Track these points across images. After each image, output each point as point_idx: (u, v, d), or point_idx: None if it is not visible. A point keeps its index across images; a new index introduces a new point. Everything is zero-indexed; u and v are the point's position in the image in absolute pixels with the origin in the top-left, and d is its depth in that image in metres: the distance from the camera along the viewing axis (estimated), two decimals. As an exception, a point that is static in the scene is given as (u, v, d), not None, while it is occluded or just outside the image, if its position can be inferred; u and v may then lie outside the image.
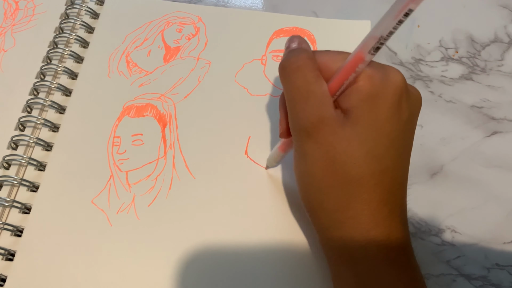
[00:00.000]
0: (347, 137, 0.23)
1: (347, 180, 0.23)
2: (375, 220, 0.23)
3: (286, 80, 0.25)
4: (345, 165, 0.23)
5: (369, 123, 0.23)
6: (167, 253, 0.30)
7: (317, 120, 0.23)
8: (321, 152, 0.24)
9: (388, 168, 0.24)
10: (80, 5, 0.40)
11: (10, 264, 0.30)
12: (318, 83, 0.24)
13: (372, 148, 0.23)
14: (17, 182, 0.32)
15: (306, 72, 0.24)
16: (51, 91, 0.36)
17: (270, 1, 0.42)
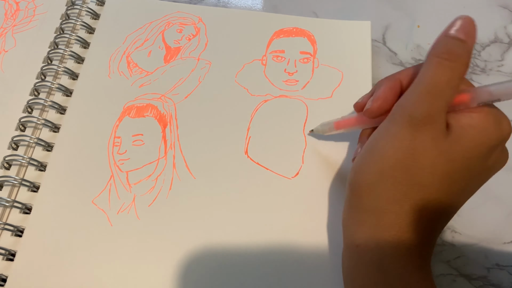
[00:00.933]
0: (441, 149, 0.23)
1: (413, 181, 0.24)
2: (415, 226, 0.24)
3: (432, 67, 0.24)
4: (422, 170, 0.24)
5: (466, 149, 0.23)
6: (168, 253, 0.30)
7: (430, 119, 0.23)
8: (411, 145, 0.23)
9: (453, 193, 0.24)
10: (81, 5, 0.40)
11: (10, 264, 0.30)
12: (455, 90, 0.24)
13: (453, 171, 0.24)
14: (17, 182, 0.32)
15: (456, 74, 0.23)
16: (51, 92, 0.37)
17: (270, 1, 0.42)
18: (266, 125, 0.35)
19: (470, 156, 0.24)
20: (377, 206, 0.24)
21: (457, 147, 0.23)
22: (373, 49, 0.39)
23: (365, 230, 0.25)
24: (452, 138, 0.23)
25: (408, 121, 0.24)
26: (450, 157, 0.23)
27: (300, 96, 0.36)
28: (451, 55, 0.23)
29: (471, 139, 0.23)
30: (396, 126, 0.24)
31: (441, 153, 0.23)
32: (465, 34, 0.23)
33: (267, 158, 0.33)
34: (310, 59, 0.37)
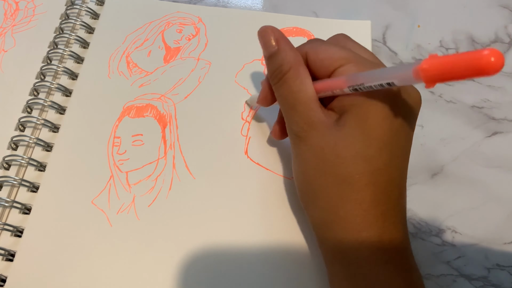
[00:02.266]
0: (335, 138, 0.24)
1: (337, 180, 0.24)
2: (366, 221, 0.23)
3: (276, 92, 0.27)
4: (333, 166, 0.24)
5: (358, 125, 0.23)
6: (167, 254, 0.30)
7: (306, 125, 0.25)
8: (311, 153, 0.25)
9: (380, 169, 0.24)
10: (80, 5, 0.40)
11: (10, 265, 0.30)
12: (303, 90, 0.25)
13: (361, 149, 0.23)
14: (17, 182, 0.32)
15: (290, 83, 0.25)
16: (51, 92, 0.36)
17: (270, 1, 0.42)
18: (266, 125, 0.35)
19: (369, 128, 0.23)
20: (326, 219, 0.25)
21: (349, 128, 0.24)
22: (373, 49, 0.39)
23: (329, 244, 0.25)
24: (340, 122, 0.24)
25: (296, 138, 0.26)
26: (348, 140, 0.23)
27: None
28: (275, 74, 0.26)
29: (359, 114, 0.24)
30: (295, 148, 0.26)
31: (336, 141, 0.24)
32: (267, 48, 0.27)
33: (267, 158, 0.33)
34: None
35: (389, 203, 0.24)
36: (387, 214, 0.24)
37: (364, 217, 0.23)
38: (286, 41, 0.26)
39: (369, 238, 0.23)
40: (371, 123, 0.23)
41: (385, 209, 0.24)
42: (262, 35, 0.27)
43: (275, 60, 0.26)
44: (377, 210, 0.23)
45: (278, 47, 0.26)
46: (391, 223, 0.24)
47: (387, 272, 0.23)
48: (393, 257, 0.24)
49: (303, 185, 0.26)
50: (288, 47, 0.26)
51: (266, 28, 0.27)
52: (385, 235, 0.23)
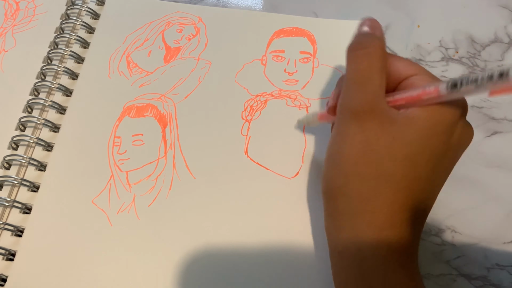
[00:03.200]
0: (394, 134, 0.23)
1: (378, 173, 0.23)
2: (391, 221, 0.23)
3: (352, 61, 0.25)
4: (382, 159, 0.23)
5: (420, 130, 0.23)
6: (168, 253, 0.30)
7: (369, 107, 0.24)
8: (362, 138, 0.24)
9: (422, 177, 0.24)
10: (81, 5, 0.40)
11: (10, 264, 0.30)
12: (381, 73, 0.24)
13: (413, 153, 0.23)
14: (17, 182, 0.32)
15: (374, 59, 0.24)
16: (51, 92, 0.37)
17: (270, 1, 0.42)
18: (266, 125, 0.35)
19: (427, 137, 0.23)
20: (351, 208, 0.24)
21: (410, 130, 0.23)
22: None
23: (344, 235, 0.24)
24: (403, 122, 0.23)
25: (351, 116, 0.24)
26: (405, 140, 0.23)
27: (300, 96, 0.36)
28: (362, 44, 0.25)
29: (424, 121, 0.23)
30: (343, 125, 0.25)
31: (395, 138, 0.23)
32: (369, 28, 0.26)
33: (267, 158, 0.33)
34: (310, 59, 0.37)
35: (416, 212, 0.24)
36: (411, 220, 0.24)
37: (391, 217, 0.23)
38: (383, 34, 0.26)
39: (390, 238, 0.23)
40: (432, 132, 0.23)
41: (411, 215, 0.24)
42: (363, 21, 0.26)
43: (367, 35, 0.25)
44: (404, 214, 0.23)
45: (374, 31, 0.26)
46: (412, 230, 0.24)
47: (401, 276, 0.23)
48: (407, 263, 0.24)
49: (337, 168, 0.25)
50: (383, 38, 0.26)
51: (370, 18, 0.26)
52: (404, 240, 0.24)
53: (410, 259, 0.24)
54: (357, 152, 0.24)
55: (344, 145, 0.24)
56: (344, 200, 0.24)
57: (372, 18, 0.26)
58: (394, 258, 0.23)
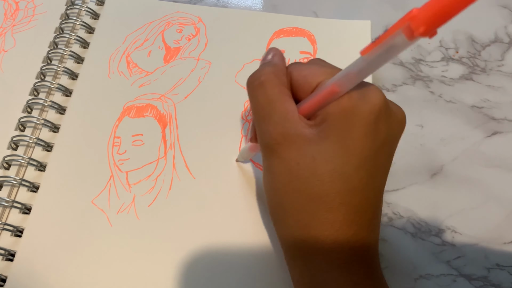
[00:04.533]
0: (312, 154, 0.22)
1: (310, 197, 0.23)
2: (337, 242, 0.22)
3: (250, 96, 0.25)
4: (308, 182, 0.22)
5: (339, 140, 0.22)
6: (168, 253, 0.30)
7: (280, 136, 0.23)
8: (284, 167, 0.23)
9: (356, 188, 0.23)
10: (80, 5, 0.40)
11: (10, 265, 0.30)
12: (281, 99, 0.23)
13: (339, 166, 0.22)
14: (17, 182, 0.32)
15: (268, 88, 0.24)
16: (51, 92, 0.36)
17: (270, 1, 0.42)
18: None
19: (348, 144, 0.22)
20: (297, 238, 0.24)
21: (328, 143, 0.22)
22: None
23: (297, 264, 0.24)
24: (319, 137, 0.22)
25: (268, 150, 0.24)
26: (325, 156, 0.22)
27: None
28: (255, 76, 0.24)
29: (340, 128, 0.22)
30: (265, 159, 0.25)
31: (314, 157, 0.22)
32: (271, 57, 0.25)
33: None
34: (310, 59, 0.37)
35: (362, 223, 0.23)
36: (359, 234, 0.23)
37: (336, 238, 0.22)
38: (280, 58, 0.26)
39: (338, 259, 0.23)
40: (353, 137, 0.22)
41: (358, 229, 0.23)
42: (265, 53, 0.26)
43: (261, 66, 0.25)
44: (349, 230, 0.23)
45: (271, 59, 0.25)
46: (362, 244, 0.23)
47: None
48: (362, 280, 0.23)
49: (273, 201, 0.25)
50: (280, 59, 0.25)
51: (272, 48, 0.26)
52: (356, 257, 0.23)
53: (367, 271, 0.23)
54: (284, 183, 0.23)
55: (271, 178, 0.24)
56: (288, 230, 0.24)
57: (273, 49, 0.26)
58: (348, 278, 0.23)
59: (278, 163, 0.23)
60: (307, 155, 0.22)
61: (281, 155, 0.23)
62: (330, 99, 0.22)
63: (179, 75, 0.37)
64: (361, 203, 0.23)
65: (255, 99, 0.24)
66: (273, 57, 0.25)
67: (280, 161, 0.23)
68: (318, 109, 0.23)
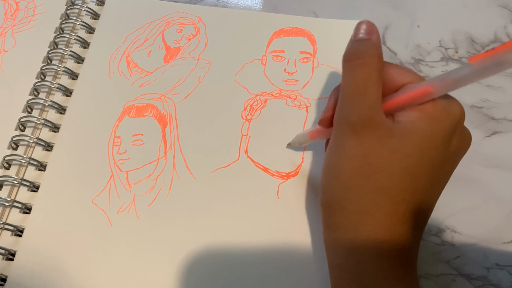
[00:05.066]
0: (392, 147, 0.23)
1: (376, 187, 0.23)
2: (391, 235, 0.23)
3: (348, 72, 0.24)
4: (380, 172, 0.23)
5: (419, 142, 0.23)
6: (168, 253, 0.30)
7: (367, 120, 0.23)
8: (360, 151, 0.23)
9: (420, 190, 0.24)
10: (81, 5, 0.40)
11: (10, 264, 0.30)
12: (378, 84, 0.23)
13: (412, 166, 0.23)
14: (17, 182, 0.32)
15: (371, 69, 0.23)
16: (51, 91, 0.37)
17: (270, 1, 0.42)
18: (266, 125, 0.35)
19: (426, 148, 0.23)
20: (349, 222, 0.24)
21: (409, 142, 0.23)
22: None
23: (342, 248, 0.24)
24: (401, 134, 0.23)
25: (348, 129, 0.24)
26: (404, 153, 0.23)
27: (300, 96, 0.36)
28: (358, 54, 0.24)
29: (422, 131, 0.23)
30: (341, 138, 0.24)
31: (393, 151, 0.23)
32: (365, 33, 0.24)
33: (267, 157, 0.33)
34: (310, 59, 0.37)
35: (415, 224, 0.24)
36: (410, 232, 0.24)
37: (390, 230, 0.23)
38: (379, 39, 0.25)
39: (389, 251, 0.23)
40: (431, 143, 0.23)
41: (410, 227, 0.24)
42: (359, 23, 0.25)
43: (364, 42, 0.24)
44: (403, 226, 0.23)
45: (371, 37, 0.24)
46: (411, 242, 0.24)
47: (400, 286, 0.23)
48: (406, 275, 0.24)
49: (334, 181, 0.24)
50: (379, 40, 0.25)
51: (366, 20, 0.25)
52: (404, 252, 0.24)
53: (409, 270, 0.24)
54: (355, 166, 0.23)
55: (342, 158, 0.24)
56: (343, 213, 0.24)
57: (368, 21, 0.25)
58: (394, 271, 0.23)
59: (355, 145, 0.23)
60: (387, 147, 0.23)
61: (361, 138, 0.23)
62: (420, 99, 0.23)
63: (179, 75, 0.37)
64: (419, 205, 0.24)
65: (353, 75, 0.24)
66: (371, 35, 0.25)
67: (358, 144, 0.23)
68: (402, 107, 0.24)
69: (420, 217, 0.25)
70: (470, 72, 0.20)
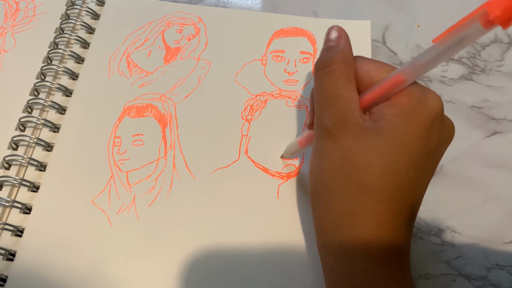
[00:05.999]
0: (368, 145, 0.23)
1: (358, 186, 0.23)
2: (378, 234, 0.23)
3: (317, 80, 0.25)
4: (359, 171, 0.23)
5: (395, 138, 0.23)
6: (168, 253, 0.30)
7: (340, 123, 0.23)
8: (338, 153, 0.24)
9: (404, 185, 0.23)
10: (81, 5, 0.40)
11: (10, 264, 0.30)
12: (347, 87, 0.24)
13: (392, 162, 0.23)
14: (17, 182, 0.32)
15: (337, 75, 0.24)
16: (51, 92, 0.37)
17: (270, 1, 0.42)
18: (266, 125, 0.35)
19: (403, 143, 0.23)
20: (337, 223, 0.24)
21: (385, 138, 0.23)
22: (373, 49, 0.39)
23: (332, 250, 0.24)
24: (376, 131, 0.23)
25: (325, 133, 0.24)
26: (380, 150, 0.23)
27: (300, 96, 0.36)
28: (324, 63, 0.24)
29: (396, 128, 0.23)
30: (320, 142, 0.25)
31: (370, 148, 0.23)
32: (334, 40, 0.25)
33: (267, 158, 0.33)
34: (310, 59, 0.37)
35: (402, 221, 0.24)
36: (398, 229, 0.24)
37: (377, 230, 0.23)
38: (347, 42, 0.26)
39: (378, 252, 0.23)
40: (408, 138, 0.23)
41: (398, 224, 0.24)
42: (329, 30, 0.26)
43: (331, 50, 0.25)
44: (390, 225, 0.23)
45: (338, 43, 0.25)
46: (400, 239, 0.24)
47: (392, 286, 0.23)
48: (399, 274, 0.24)
49: (318, 183, 0.25)
50: (347, 46, 0.25)
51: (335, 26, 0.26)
52: (394, 251, 0.23)
53: (401, 268, 0.24)
54: (335, 166, 0.24)
55: (322, 161, 0.25)
56: (330, 215, 0.24)
57: (337, 26, 0.26)
58: (385, 271, 0.23)
59: (333, 148, 0.24)
60: (362, 145, 0.23)
61: (337, 140, 0.24)
62: (394, 89, 0.23)
63: (179, 75, 0.37)
64: (405, 201, 0.24)
65: (322, 83, 0.25)
66: (339, 40, 0.25)
67: (335, 146, 0.24)
68: (379, 100, 0.24)
69: (408, 214, 0.24)
70: (437, 53, 0.20)
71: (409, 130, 0.23)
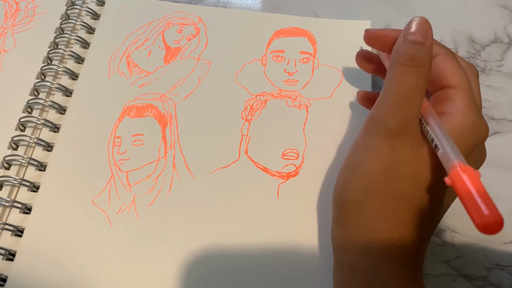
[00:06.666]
0: (420, 157, 0.23)
1: (398, 194, 0.23)
2: (405, 240, 0.23)
3: (398, 75, 0.23)
4: (404, 180, 0.23)
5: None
6: (168, 253, 0.30)
7: (404, 127, 0.23)
8: (390, 156, 0.23)
9: (439, 202, 0.24)
10: (81, 5, 0.40)
11: (10, 264, 0.30)
12: (423, 95, 0.24)
13: (436, 180, 0.23)
14: (17, 182, 0.32)
15: (421, 79, 0.23)
16: (51, 92, 0.37)
17: (270, 1, 0.42)
18: (266, 125, 0.35)
19: None
20: (366, 224, 0.24)
21: (436, 155, 0.23)
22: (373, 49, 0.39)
23: (356, 248, 0.24)
24: (431, 147, 0.23)
25: (383, 133, 0.23)
26: (430, 165, 0.23)
27: (300, 96, 0.36)
28: (414, 61, 0.23)
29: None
30: (373, 139, 0.24)
31: (421, 161, 0.23)
32: (422, 36, 0.23)
33: (267, 158, 0.33)
34: (310, 59, 0.37)
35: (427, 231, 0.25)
36: (422, 239, 0.24)
37: (404, 236, 0.23)
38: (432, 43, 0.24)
39: (402, 256, 0.23)
40: None
41: (422, 235, 0.24)
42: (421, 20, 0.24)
43: (421, 49, 0.23)
44: (416, 233, 0.24)
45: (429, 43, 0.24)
46: (422, 248, 0.25)
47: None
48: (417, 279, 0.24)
49: (356, 181, 0.24)
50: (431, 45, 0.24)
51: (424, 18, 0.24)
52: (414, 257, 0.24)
53: (418, 276, 0.24)
54: (381, 170, 0.23)
55: (369, 160, 0.24)
56: (360, 214, 0.24)
57: (423, 18, 0.24)
58: (405, 275, 0.23)
59: (385, 149, 0.23)
60: (415, 157, 0.23)
61: (393, 143, 0.23)
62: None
63: (179, 75, 0.37)
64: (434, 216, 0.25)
65: (403, 81, 0.23)
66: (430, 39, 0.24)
67: (389, 149, 0.23)
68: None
69: (432, 227, 0.26)
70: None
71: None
